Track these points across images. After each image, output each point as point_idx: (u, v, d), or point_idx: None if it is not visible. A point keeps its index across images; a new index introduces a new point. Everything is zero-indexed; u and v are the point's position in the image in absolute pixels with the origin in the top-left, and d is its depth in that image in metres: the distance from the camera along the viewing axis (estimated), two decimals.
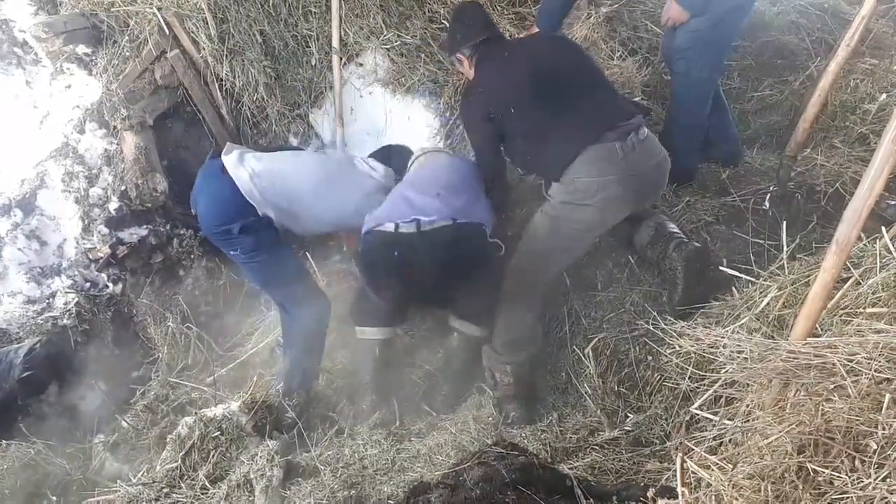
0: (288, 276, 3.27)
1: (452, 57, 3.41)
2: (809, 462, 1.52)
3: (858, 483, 1.44)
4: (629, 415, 2.94)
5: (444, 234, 2.97)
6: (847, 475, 1.46)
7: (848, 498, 1.43)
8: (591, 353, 3.21)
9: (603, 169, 2.86)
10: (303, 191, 3.25)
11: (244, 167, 3.14)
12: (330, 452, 3.02)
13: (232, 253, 3.25)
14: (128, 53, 4.09)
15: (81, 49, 4.11)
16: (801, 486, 1.50)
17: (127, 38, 4.10)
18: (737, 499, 1.62)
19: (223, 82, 4.20)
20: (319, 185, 3.30)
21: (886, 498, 1.37)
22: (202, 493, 2.85)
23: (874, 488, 1.41)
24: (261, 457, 2.90)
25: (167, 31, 4.01)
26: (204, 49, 4.07)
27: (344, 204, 3.35)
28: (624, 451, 2.73)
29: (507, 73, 3.11)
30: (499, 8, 4.47)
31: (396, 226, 2.99)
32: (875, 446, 1.47)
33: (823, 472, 1.50)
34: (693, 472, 1.82)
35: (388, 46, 4.24)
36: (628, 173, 2.87)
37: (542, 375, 3.33)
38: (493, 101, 3.08)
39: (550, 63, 3.13)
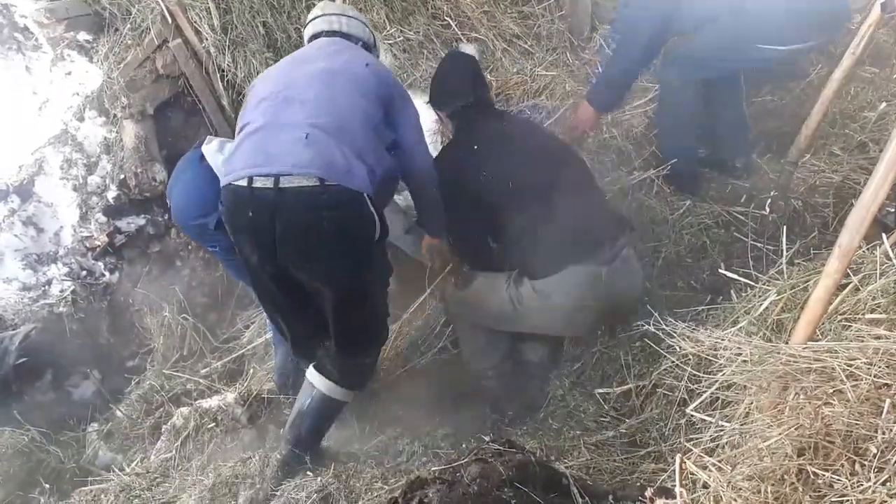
0: None
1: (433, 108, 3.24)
2: (810, 465, 1.53)
3: (858, 486, 1.44)
4: (625, 416, 2.95)
5: (308, 196, 2.36)
6: (847, 478, 1.47)
7: (848, 501, 1.44)
8: (587, 354, 3.23)
9: (582, 295, 2.80)
10: None
11: (222, 153, 2.85)
12: (327, 444, 3.02)
13: (210, 249, 3.09)
14: (129, 41, 4.07)
15: (83, 36, 4.10)
16: (800, 489, 1.51)
17: (129, 25, 4.08)
18: (735, 500, 1.62)
19: (225, 73, 4.18)
20: None
21: (886, 501, 1.38)
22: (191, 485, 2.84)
23: (874, 492, 1.42)
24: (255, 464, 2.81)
25: (170, 20, 4.00)
26: (206, 39, 4.05)
27: None
28: (619, 452, 2.74)
29: (505, 142, 2.92)
30: (502, 6, 4.47)
31: (250, 179, 2.38)
32: (875, 450, 1.48)
33: (824, 475, 1.50)
34: (691, 473, 1.83)
35: (390, 42, 4.23)
36: (605, 299, 2.83)
37: (536, 374, 3.33)
38: (489, 164, 2.86)
39: (554, 151, 3.00)
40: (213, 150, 2.90)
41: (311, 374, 2.78)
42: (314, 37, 2.89)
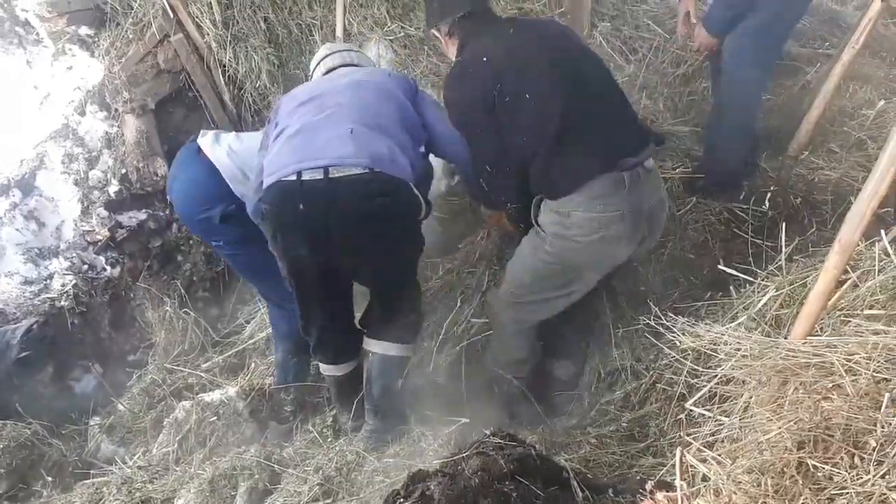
0: (275, 271, 2.94)
1: (430, 32, 3.02)
2: (810, 458, 1.55)
3: (858, 479, 1.46)
4: (624, 411, 2.97)
5: (359, 184, 2.44)
6: (846, 471, 1.49)
7: (847, 493, 1.46)
8: (585, 349, 3.25)
9: (607, 204, 2.58)
10: None
11: (220, 146, 2.94)
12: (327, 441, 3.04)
13: (214, 244, 3.09)
14: (131, 36, 4.08)
15: (84, 30, 4.10)
16: (800, 481, 1.52)
17: (130, 20, 4.09)
18: (735, 493, 1.64)
19: (226, 68, 4.20)
20: None
21: (885, 494, 1.40)
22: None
23: (873, 484, 1.43)
24: (251, 456, 2.83)
25: (171, 15, 4.01)
26: (208, 34, 4.07)
27: None
28: (617, 446, 2.76)
29: (518, 49, 2.64)
30: (503, 2, 4.45)
31: (299, 174, 2.45)
32: (874, 444, 1.50)
33: (823, 468, 1.52)
34: (691, 466, 1.84)
35: (391, 38, 4.25)
36: (632, 208, 2.62)
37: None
38: (501, 75, 2.58)
39: (571, 57, 2.70)
40: (209, 143, 2.95)
41: (367, 342, 2.92)
42: (329, 72, 2.98)
